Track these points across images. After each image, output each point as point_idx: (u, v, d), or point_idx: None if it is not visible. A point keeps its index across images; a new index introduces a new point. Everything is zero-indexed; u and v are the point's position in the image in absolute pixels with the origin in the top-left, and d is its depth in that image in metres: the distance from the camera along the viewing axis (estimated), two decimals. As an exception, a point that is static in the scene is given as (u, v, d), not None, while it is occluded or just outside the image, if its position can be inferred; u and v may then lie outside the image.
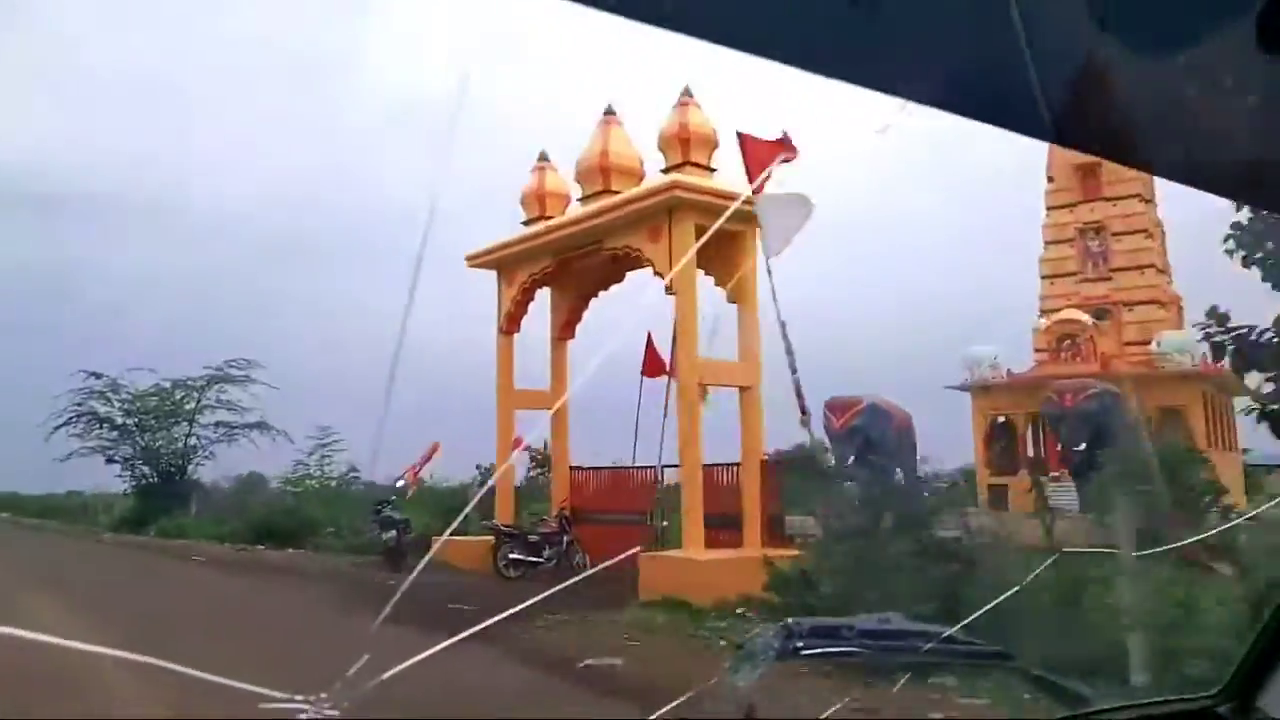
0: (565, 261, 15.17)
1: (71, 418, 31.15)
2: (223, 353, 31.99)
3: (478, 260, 16.36)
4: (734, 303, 13.37)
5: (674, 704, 1.46)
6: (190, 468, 31.83)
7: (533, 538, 14.73)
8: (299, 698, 1.00)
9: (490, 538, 15.06)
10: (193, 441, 31.86)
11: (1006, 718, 5.50)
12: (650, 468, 15.72)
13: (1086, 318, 30.53)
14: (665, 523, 14.86)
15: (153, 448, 31.46)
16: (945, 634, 1.68)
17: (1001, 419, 32.55)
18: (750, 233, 13.34)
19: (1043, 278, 33.23)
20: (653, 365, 16.07)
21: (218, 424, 31.90)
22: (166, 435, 31.73)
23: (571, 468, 16.55)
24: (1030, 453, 32.66)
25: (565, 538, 14.91)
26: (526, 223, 16.20)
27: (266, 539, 20.89)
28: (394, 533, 14.90)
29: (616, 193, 14.31)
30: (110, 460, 31.54)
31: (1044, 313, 32.94)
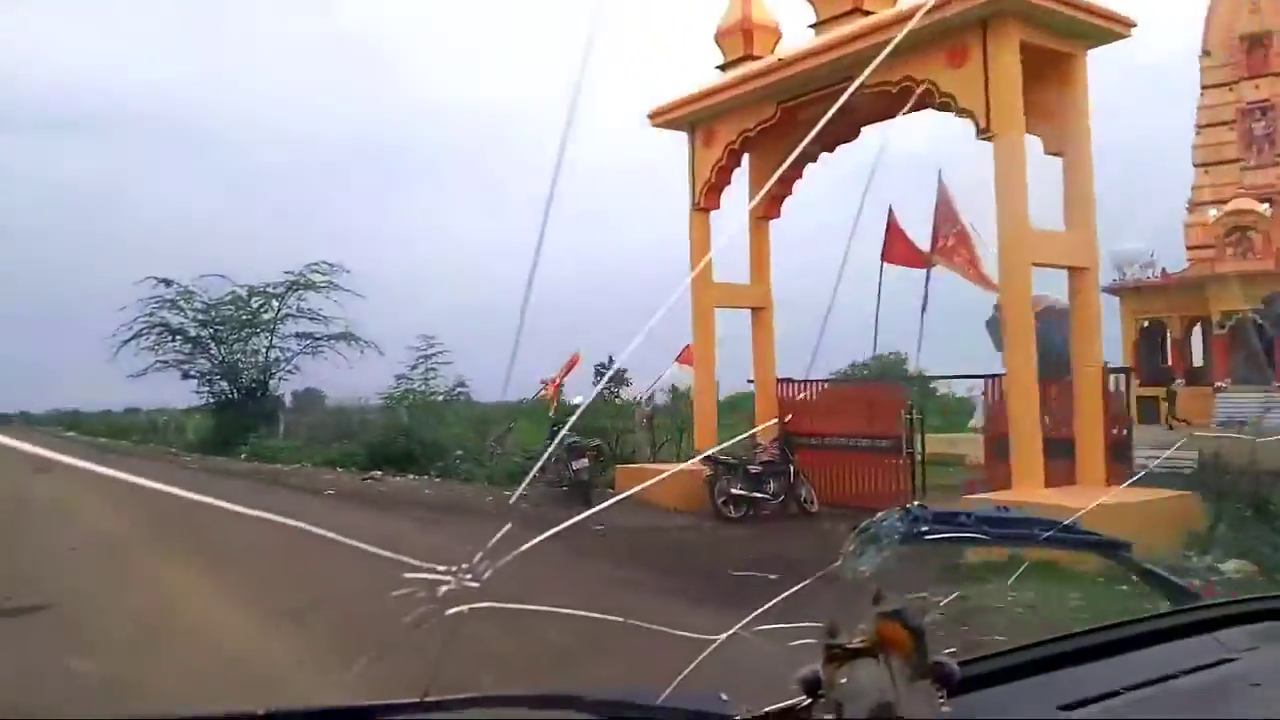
0: (790, 111, 11.61)
1: (143, 330, 28.39)
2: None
3: (665, 118, 12.83)
4: (1055, 154, 9.89)
5: (799, 585, 1.27)
6: (272, 382, 29.24)
7: (753, 468, 11.71)
8: (441, 568, 0.93)
9: (700, 468, 12.13)
10: (274, 355, 29.20)
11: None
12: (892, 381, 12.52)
13: (1263, 207, 26.72)
14: (910, 449, 11.85)
15: (230, 361, 28.81)
16: (1064, 523, 1.50)
17: (1146, 323, 29.14)
18: (1081, 56, 9.78)
19: (1196, 166, 29.13)
20: (898, 250, 12.64)
21: (299, 335, 29.12)
22: (244, 347, 29.05)
23: (779, 380, 13.36)
24: (1186, 360, 29.22)
25: (790, 468, 11.91)
26: (724, 67, 12.63)
27: (383, 464, 18.14)
28: (584, 461, 11.93)
29: (869, 13, 10.72)
30: (186, 375, 28.95)
31: (1196, 205, 29.02)
